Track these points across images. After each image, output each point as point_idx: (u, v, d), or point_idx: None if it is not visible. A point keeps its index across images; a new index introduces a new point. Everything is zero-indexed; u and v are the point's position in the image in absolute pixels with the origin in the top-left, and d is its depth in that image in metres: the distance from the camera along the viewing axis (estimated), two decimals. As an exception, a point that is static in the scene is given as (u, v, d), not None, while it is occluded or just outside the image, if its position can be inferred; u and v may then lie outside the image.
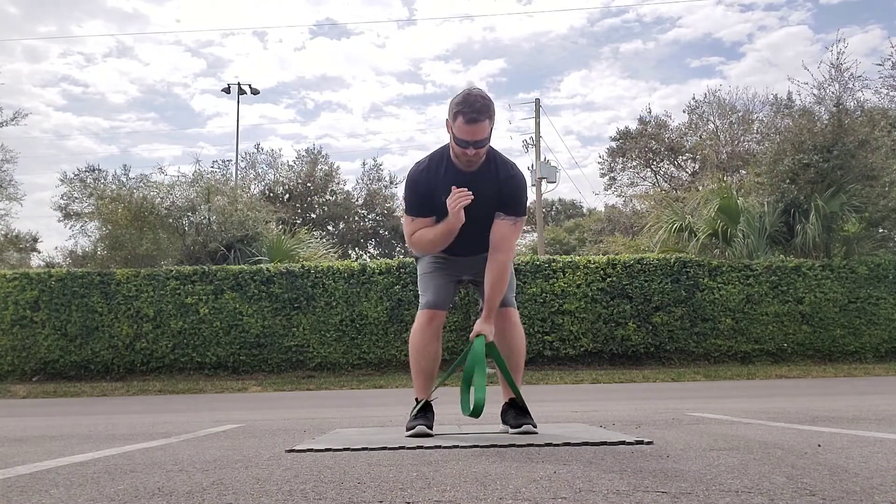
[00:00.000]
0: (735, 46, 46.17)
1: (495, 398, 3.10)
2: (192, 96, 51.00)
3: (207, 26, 56.17)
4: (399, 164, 56.05)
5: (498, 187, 2.71)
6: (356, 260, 16.32)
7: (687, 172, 26.83)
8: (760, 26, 45.01)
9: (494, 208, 2.72)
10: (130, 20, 45.52)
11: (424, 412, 2.87)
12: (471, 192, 2.63)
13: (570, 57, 54.30)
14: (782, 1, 45.59)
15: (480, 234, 2.75)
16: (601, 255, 12.43)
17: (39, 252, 25.53)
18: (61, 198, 14.35)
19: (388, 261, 11.89)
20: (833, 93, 13.39)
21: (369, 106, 54.35)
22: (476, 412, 2.64)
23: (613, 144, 28.05)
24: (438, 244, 2.74)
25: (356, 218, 26.07)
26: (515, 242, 2.85)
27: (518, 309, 3.02)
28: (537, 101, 24.03)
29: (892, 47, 19.55)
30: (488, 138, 2.64)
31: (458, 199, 2.61)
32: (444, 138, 2.78)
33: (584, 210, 37.72)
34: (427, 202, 2.74)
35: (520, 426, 2.78)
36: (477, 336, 2.71)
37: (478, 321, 2.75)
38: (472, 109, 2.56)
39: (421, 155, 2.96)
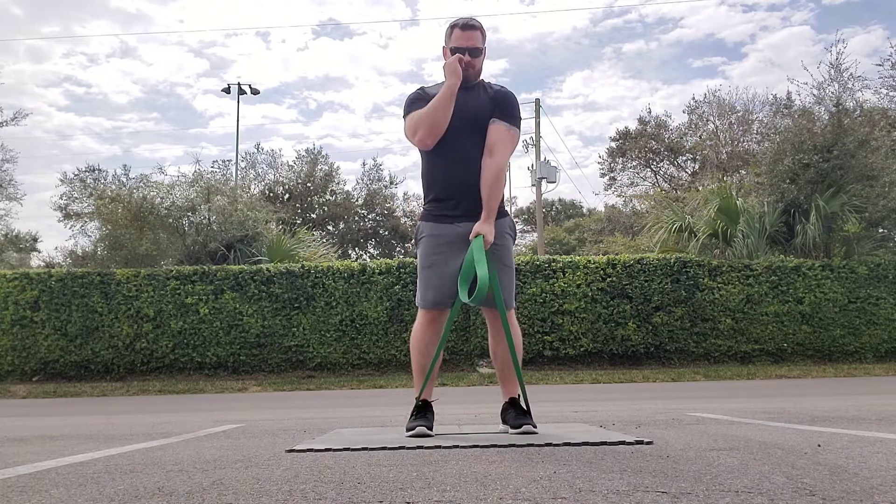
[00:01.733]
0: (737, 47, 46.23)
1: (495, 398, 3.10)
2: (195, 96, 51.05)
3: (211, 27, 56.17)
4: (401, 165, 56.11)
5: (491, 98, 2.88)
6: (356, 260, 16.31)
7: (687, 172, 26.85)
8: (763, 26, 45.05)
9: (488, 118, 2.85)
10: (134, 20, 45.59)
11: (424, 412, 2.86)
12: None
13: (572, 57, 54.35)
14: (785, 1, 45.61)
15: (477, 151, 2.81)
16: (601, 255, 12.43)
17: (39, 252, 25.56)
18: (61, 198, 14.36)
19: (388, 261, 11.89)
20: (833, 93, 13.40)
21: (371, 106, 54.40)
22: (479, 296, 2.63)
23: (613, 145, 28.08)
24: (439, 110, 2.77)
25: (356, 218, 26.07)
26: (510, 152, 2.90)
27: (518, 309, 3.03)
28: (537, 102, 24.03)
29: (892, 47, 19.55)
30: (481, 50, 2.88)
31: (455, 57, 2.81)
32: None
33: (584, 210, 37.74)
34: (425, 101, 2.86)
35: (520, 426, 2.77)
36: (476, 236, 2.75)
37: (477, 223, 2.77)
38: (466, 20, 2.89)
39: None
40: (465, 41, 2.85)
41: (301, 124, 52.72)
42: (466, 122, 2.81)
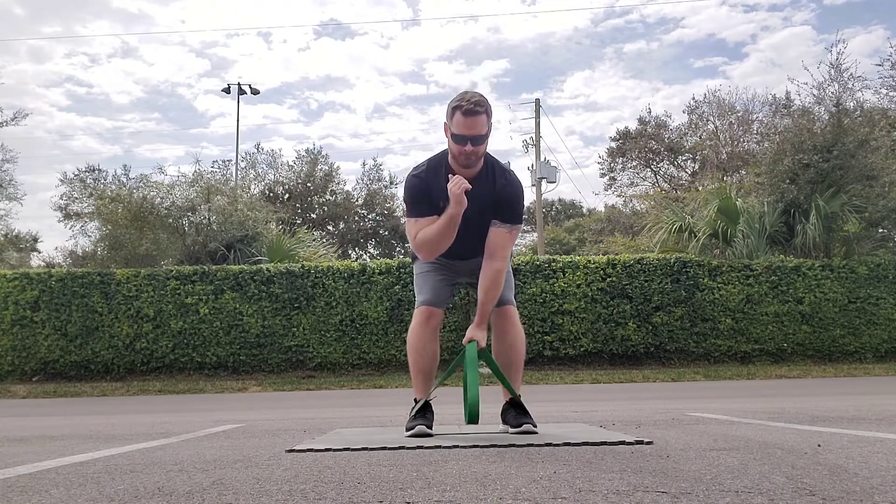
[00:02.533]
0: (738, 47, 46.21)
1: (495, 398, 3.10)
2: (196, 97, 51.05)
3: (212, 27, 56.19)
4: (402, 165, 56.08)
5: (495, 194, 2.73)
6: (356, 260, 16.31)
7: (687, 172, 26.85)
8: (764, 27, 45.05)
9: (491, 214, 2.74)
10: (136, 21, 45.58)
11: (424, 412, 2.86)
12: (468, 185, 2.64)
13: (573, 57, 54.34)
14: (786, 1, 45.60)
15: (477, 238, 2.76)
16: (601, 255, 12.43)
17: (39, 252, 25.56)
18: (61, 198, 14.37)
19: (388, 261, 11.89)
20: (833, 93, 13.40)
21: (372, 106, 54.39)
22: (471, 418, 2.65)
23: (613, 145, 28.08)
24: (444, 238, 2.70)
25: (356, 218, 26.06)
26: (511, 250, 2.86)
27: (518, 309, 3.02)
28: (537, 102, 24.04)
29: (892, 47, 19.55)
30: (485, 136, 2.66)
31: (458, 183, 2.60)
32: (445, 139, 2.79)
33: (584, 210, 37.74)
34: (428, 202, 2.75)
35: (520, 426, 2.77)
36: (469, 342, 2.71)
37: (470, 327, 2.75)
38: (470, 102, 2.61)
39: (423, 156, 2.98)
40: (468, 129, 2.62)
41: (302, 124, 52.75)
42: (466, 219, 2.67)
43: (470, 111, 2.59)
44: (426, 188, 2.74)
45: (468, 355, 2.68)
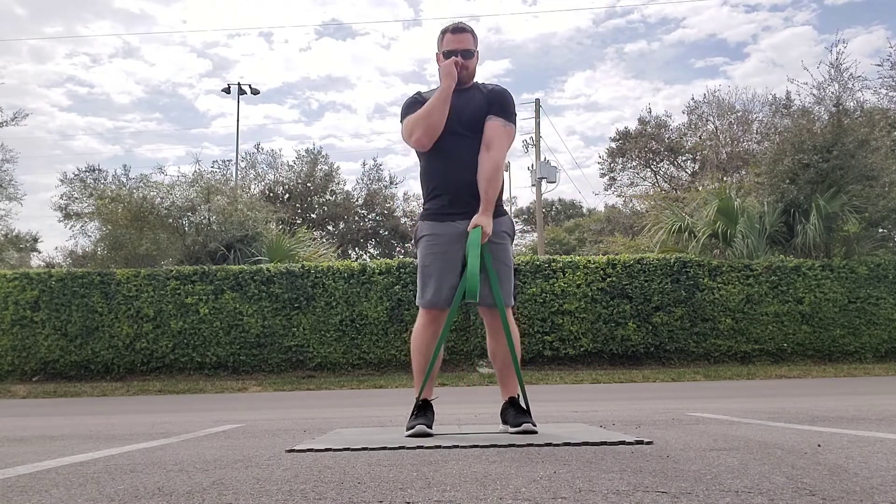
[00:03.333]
0: (739, 47, 46.20)
1: (495, 398, 3.10)
2: (197, 97, 51.04)
3: (213, 27, 56.18)
4: (403, 165, 56.07)
5: (486, 97, 2.92)
6: (356, 260, 16.31)
7: (687, 172, 26.85)
8: (765, 27, 45.05)
9: (484, 118, 2.89)
10: (137, 21, 45.57)
11: (424, 412, 2.86)
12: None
13: (575, 58, 54.32)
14: (787, 1, 45.58)
15: (474, 152, 2.84)
16: (601, 255, 12.43)
17: (39, 252, 25.57)
18: (61, 198, 14.37)
19: (388, 261, 11.89)
20: (832, 93, 13.40)
21: (373, 106, 54.39)
22: (471, 293, 2.69)
23: (613, 145, 28.08)
24: (436, 111, 2.82)
25: (356, 218, 26.06)
26: (507, 147, 2.94)
27: (518, 309, 3.04)
28: (537, 102, 24.04)
29: (892, 47, 19.55)
30: (473, 52, 2.92)
31: (450, 60, 2.85)
32: None
33: (584, 210, 37.74)
34: (421, 105, 2.90)
35: (520, 426, 2.77)
36: (474, 228, 2.77)
37: (476, 215, 2.80)
38: (456, 24, 2.96)
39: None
40: (457, 44, 2.90)
41: (303, 124, 52.75)
42: (463, 123, 2.86)
43: (457, 28, 2.92)
44: (422, 102, 2.93)
45: (471, 238, 2.75)
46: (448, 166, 2.87)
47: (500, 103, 2.91)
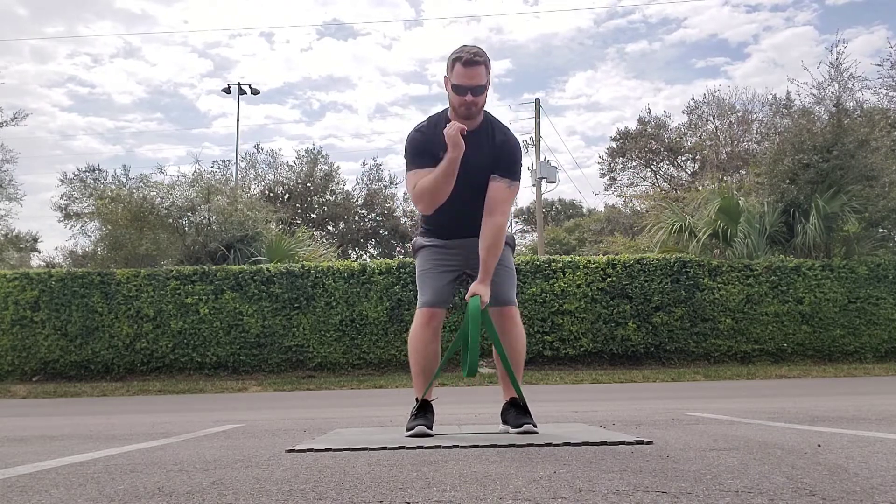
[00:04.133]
0: (740, 47, 46.19)
1: (495, 398, 3.10)
2: (198, 97, 51.01)
3: (215, 27, 56.18)
4: (403, 165, 56.00)
5: (493, 150, 2.77)
6: (356, 260, 16.31)
7: (687, 172, 26.86)
8: (766, 27, 45.04)
9: (490, 170, 2.77)
10: (138, 21, 45.57)
11: (424, 412, 2.86)
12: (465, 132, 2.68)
13: (576, 58, 54.28)
14: (788, 1, 45.57)
15: (476, 201, 2.76)
16: (601, 255, 12.43)
17: (39, 252, 25.57)
18: (61, 198, 14.37)
19: (388, 261, 11.89)
20: (832, 93, 13.40)
21: (374, 106, 54.36)
22: (471, 371, 2.65)
23: (613, 145, 28.09)
24: (443, 184, 2.70)
25: (356, 218, 26.07)
26: (510, 207, 2.87)
27: (518, 309, 3.02)
28: (537, 102, 24.05)
29: (891, 47, 19.55)
30: (485, 87, 2.73)
31: (455, 126, 2.64)
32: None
33: (584, 210, 37.74)
34: (427, 153, 2.77)
35: (520, 426, 2.77)
36: (472, 297, 2.72)
37: (474, 283, 2.74)
38: (469, 53, 2.70)
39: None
40: (468, 79, 2.68)
41: (304, 125, 52.74)
42: (466, 174, 2.70)
43: (470, 61, 2.67)
44: (427, 142, 2.78)
45: (470, 309, 2.69)
46: (448, 216, 2.83)
47: (507, 161, 2.77)
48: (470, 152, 2.67)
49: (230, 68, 52.80)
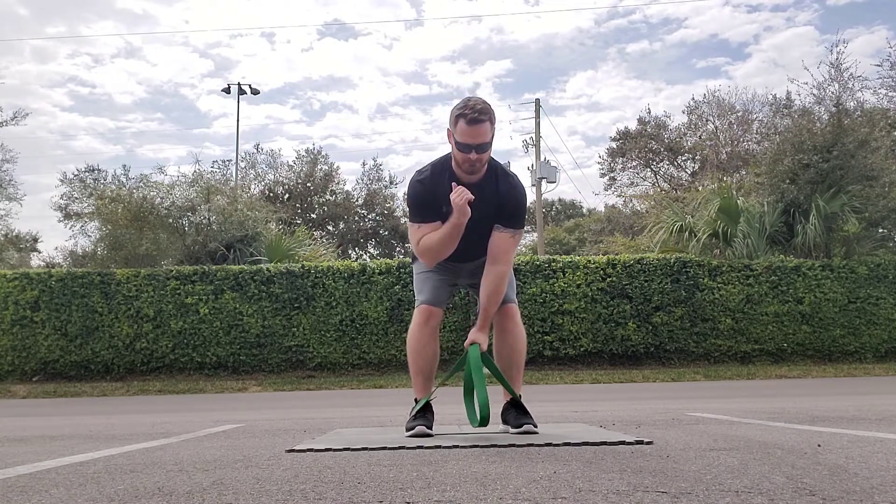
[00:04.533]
0: (741, 47, 46.19)
1: (496, 398, 3.10)
2: (199, 97, 51.00)
3: (216, 27, 56.17)
4: (404, 165, 56.05)
5: (498, 199, 2.73)
6: (356, 260, 16.31)
7: (687, 172, 26.86)
8: (767, 27, 45.03)
9: (494, 219, 2.74)
10: (139, 21, 45.55)
11: (424, 412, 2.86)
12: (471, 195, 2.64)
13: (577, 58, 54.27)
14: (789, 2, 45.57)
15: (479, 242, 2.77)
16: (601, 255, 12.43)
17: (39, 252, 25.57)
18: (61, 198, 14.37)
19: (388, 261, 11.89)
20: (833, 93, 13.40)
21: (375, 106, 54.35)
22: (483, 422, 2.64)
23: (613, 145, 28.09)
24: (446, 245, 2.71)
25: (356, 218, 26.07)
26: (514, 254, 2.88)
27: (518, 308, 3.02)
28: (537, 102, 24.05)
29: (891, 48, 19.55)
30: (490, 143, 2.66)
31: (462, 194, 2.60)
32: (447, 140, 2.80)
33: (584, 210, 37.74)
34: (431, 207, 2.74)
35: (520, 426, 2.78)
36: (472, 345, 2.72)
37: (472, 330, 2.75)
38: (474, 111, 2.61)
39: (425, 156, 2.99)
40: (472, 137, 2.61)
41: (305, 125, 52.74)
42: (469, 224, 2.67)
43: (474, 120, 2.59)
44: (429, 194, 2.74)
45: (471, 359, 2.68)
46: (452, 257, 2.83)
47: (511, 210, 2.75)
48: (474, 202, 2.62)
49: (231, 68, 52.83)
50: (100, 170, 14.65)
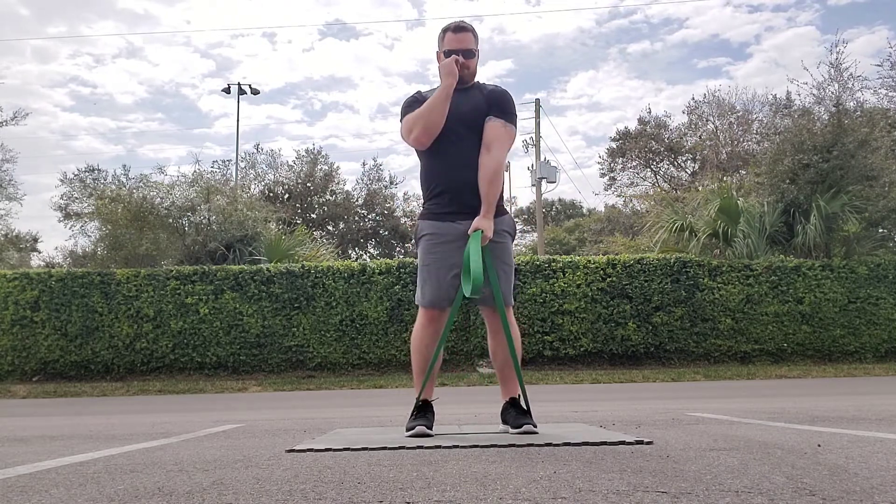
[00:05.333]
0: (742, 47, 46.23)
1: (495, 398, 3.10)
2: (200, 97, 51.03)
3: (217, 27, 56.18)
4: (405, 165, 56.09)
5: (486, 97, 2.91)
6: (356, 260, 16.30)
7: (687, 172, 26.86)
8: (768, 27, 45.05)
9: (485, 115, 2.88)
10: (141, 21, 45.58)
11: (424, 412, 2.86)
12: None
13: (578, 58, 54.30)
14: (790, 2, 45.59)
15: (473, 151, 2.83)
16: (601, 255, 12.43)
17: (40, 252, 25.58)
18: (61, 198, 14.38)
19: (388, 261, 11.88)
20: (833, 93, 13.40)
21: (376, 106, 54.38)
22: (474, 290, 2.65)
23: (614, 145, 28.10)
24: (436, 108, 2.81)
25: (356, 218, 26.06)
26: (507, 148, 2.92)
27: (518, 309, 3.03)
28: (537, 102, 24.04)
29: (891, 48, 19.54)
30: (474, 51, 2.92)
31: (451, 58, 2.84)
32: None
33: (584, 210, 37.74)
34: (420, 103, 2.91)
35: (520, 426, 2.77)
36: (475, 231, 2.75)
37: (476, 218, 2.78)
38: (457, 23, 2.97)
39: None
40: (458, 43, 2.90)
41: (305, 125, 52.76)
42: (463, 123, 2.85)
43: (458, 27, 2.93)
44: (423, 100, 2.93)
45: (472, 241, 2.73)
46: (448, 166, 2.86)
47: (499, 104, 2.89)
48: (463, 102, 2.85)
49: (232, 68, 52.85)
50: (100, 170, 14.68)
